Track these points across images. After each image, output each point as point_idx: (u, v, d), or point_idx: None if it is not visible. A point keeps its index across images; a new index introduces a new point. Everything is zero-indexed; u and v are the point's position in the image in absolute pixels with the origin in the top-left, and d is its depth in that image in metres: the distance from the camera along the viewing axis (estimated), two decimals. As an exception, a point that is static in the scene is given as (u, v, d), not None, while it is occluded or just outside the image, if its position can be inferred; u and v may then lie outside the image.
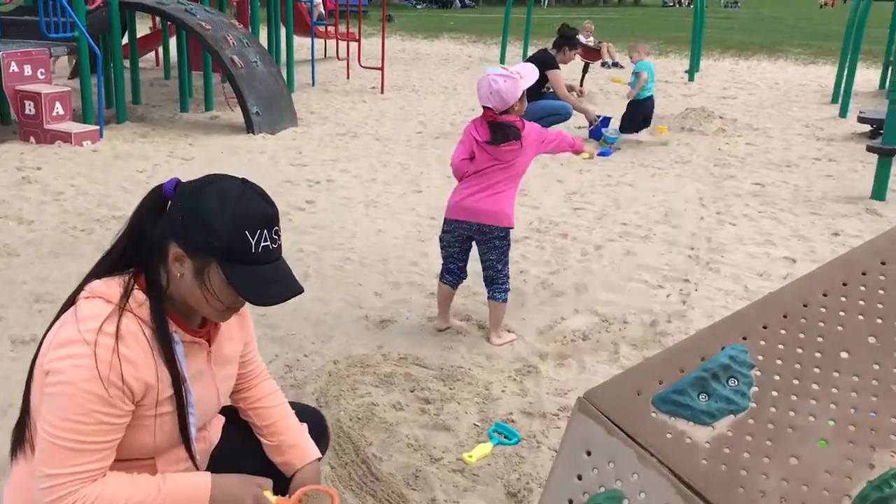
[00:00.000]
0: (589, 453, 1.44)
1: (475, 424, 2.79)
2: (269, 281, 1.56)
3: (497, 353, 3.34)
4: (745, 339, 1.49)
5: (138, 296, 1.56)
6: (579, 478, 1.43)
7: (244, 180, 1.61)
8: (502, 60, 15.11)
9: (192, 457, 1.69)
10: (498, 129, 3.27)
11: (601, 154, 7.41)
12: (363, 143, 7.82)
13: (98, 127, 7.27)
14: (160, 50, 12.94)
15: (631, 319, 3.70)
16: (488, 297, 3.43)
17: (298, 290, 1.60)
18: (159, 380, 1.56)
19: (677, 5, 61.58)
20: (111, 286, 1.57)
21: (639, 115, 7.88)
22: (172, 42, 12.03)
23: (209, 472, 1.67)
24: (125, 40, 9.35)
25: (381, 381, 3.08)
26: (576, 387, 3.07)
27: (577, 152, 3.61)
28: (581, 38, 12.81)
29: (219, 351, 1.74)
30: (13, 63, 6.93)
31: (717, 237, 4.96)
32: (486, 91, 3.26)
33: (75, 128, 7.06)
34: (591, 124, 8.02)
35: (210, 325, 1.72)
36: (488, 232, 3.32)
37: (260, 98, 7.97)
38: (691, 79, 13.43)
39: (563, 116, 7.94)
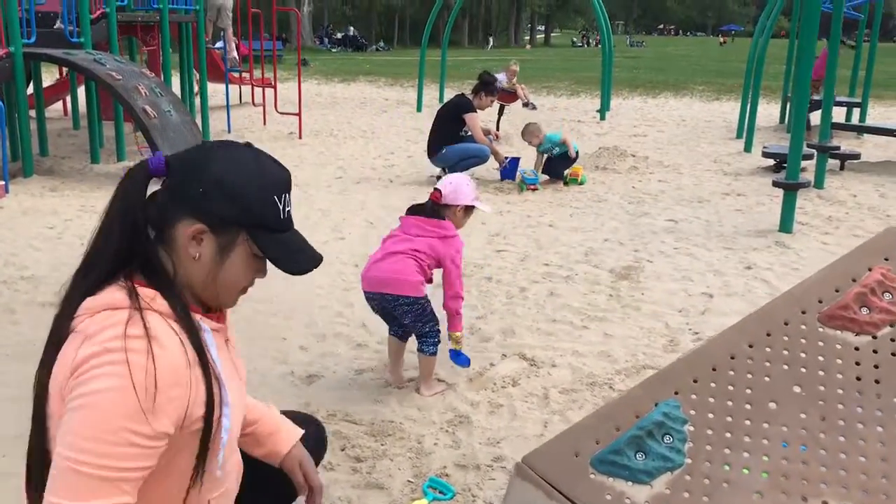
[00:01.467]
0: (530, 520, 1.42)
1: (409, 481, 2.74)
2: (298, 249, 1.47)
3: (428, 404, 3.31)
4: (676, 393, 1.52)
5: (145, 292, 1.37)
6: (522, 546, 1.41)
7: (248, 143, 1.51)
8: (419, 103, 15.28)
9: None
10: (426, 206, 3.36)
11: (529, 182, 7.54)
12: (282, 190, 7.71)
13: (3, 182, 6.99)
14: (68, 99, 12.61)
15: (559, 362, 3.72)
16: (417, 349, 3.40)
17: (321, 258, 1.50)
18: (193, 383, 1.36)
19: (585, 45, 63.68)
20: (109, 295, 1.36)
21: (560, 167, 8.01)
22: (81, 90, 11.73)
23: None
24: (30, 90, 9.07)
25: (311, 439, 3.00)
26: (508, 435, 3.07)
27: (451, 328, 3.40)
28: (503, 78, 13.09)
29: (231, 341, 1.60)
30: None
31: (636, 275, 5.07)
32: (448, 179, 3.42)
33: (-22, 184, 6.78)
34: (501, 165, 8.18)
35: (220, 314, 1.55)
36: (393, 300, 3.29)
37: (174, 147, 7.81)
38: (602, 118, 13.84)
39: (480, 159, 8.07)
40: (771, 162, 9.05)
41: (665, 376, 1.58)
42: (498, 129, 11.50)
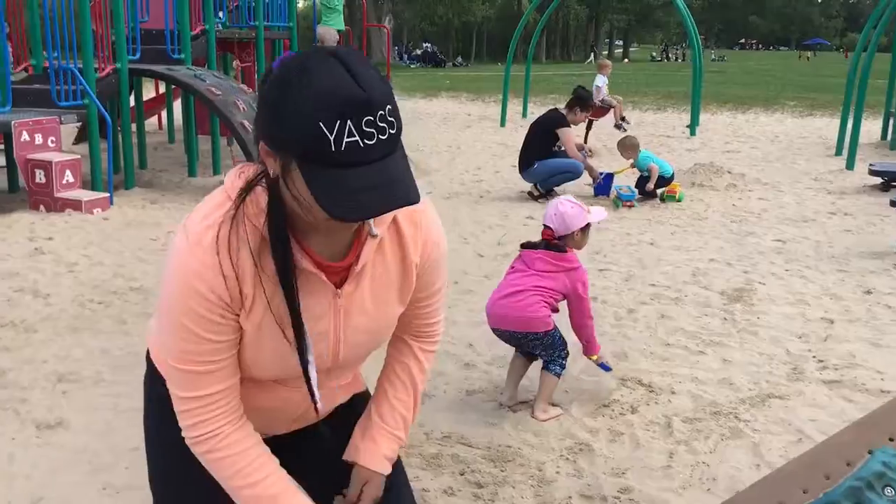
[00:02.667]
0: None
1: (535, 510, 2.64)
2: (358, 189, 1.17)
3: (545, 429, 3.20)
4: (892, 440, 1.38)
5: (259, 199, 1.33)
6: None
7: (337, 51, 1.21)
8: (503, 118, 15.22)
9: (311, 395, 1.48)
10: (543, 242, 3.32)
11: (626, 199, 7.39)
12: (374, 204, 7.74)
13: (108, 194, 7.19)
14: (163, 114, 12.98)
15: (678, 389, 3.56)
16: (542, 368, 3.32)
17: (403, 201, 1.19)
18: (265, 295, 1.36)
19: (665, 59, 62.70)
20: (242, 175, 1.37)
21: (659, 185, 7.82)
22: (175, 105, 12.06)
23: None
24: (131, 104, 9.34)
25: (429, 463, 2.93)
26: (632, 465, 2.93)
27: (589, 353, 3.43)
28: (603, 80, 12.99)
29: (356, 297, 1.45)
30: (24, 132, 6.87)
31: (749, 297, 4.86)
32: (551, 211, 3.34)
33: (85, 196, 6.98)
34: (595, 181, 8.03)
35: (346, 263, 1.42)
36: (523, 336, 3.27)
37: (270, 162, 7.92)
38: (693, 133, 13.50)
39: (573, 174, 7.93)
40: (877, 180, 8.64)
41: (876, 420, 1.44)
42: (586, 142, 11.35)
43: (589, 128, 12.51)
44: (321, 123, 1.14)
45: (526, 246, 3.41)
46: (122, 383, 3.57)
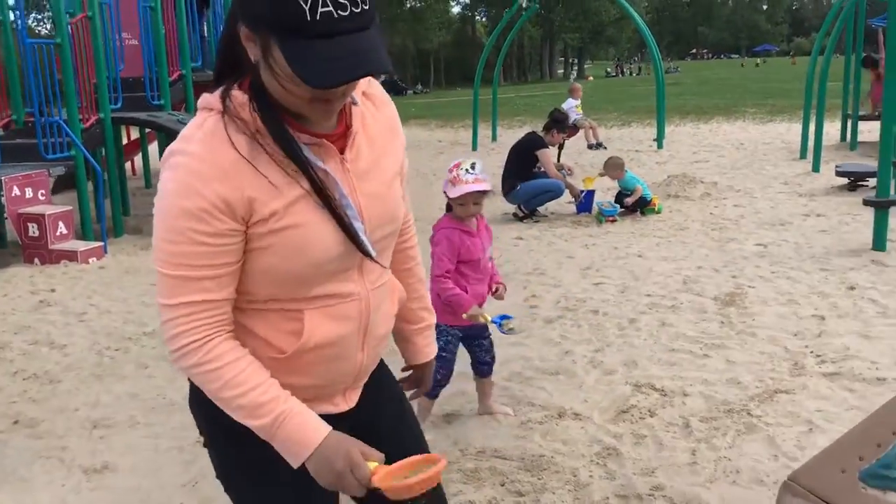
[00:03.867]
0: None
1: (577, 513, 2.80)
2: (333, 58, 1.23)
3: (572, 437, 3.38)
4: (929, 410, 1.58)
5: (238, 96, 1.36)
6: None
7: None
8: (474, 143, 15.48)
9: (365, 252, 1.45)
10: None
11: (609, 214, 7.61)
12: (364, 235, 7.91)
13: (102, 243, 7.26)
14: (136, 159, 13.03)
15: (690, 391, 3.76)
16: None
17: (376, 67, 1.26)
18: (274, 186, 1.36)
19: (619, 75, 63.86)
20: (206, 97, 1.40)
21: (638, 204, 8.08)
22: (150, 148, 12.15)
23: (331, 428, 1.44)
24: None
25: (469, 477, 3.08)
26: (660, 465, 3.11)
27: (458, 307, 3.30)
28: (573, 103, 13.41)
29: (357, 159, 1.47)
30: (15, 187, 6.95)
31: (741, 301, 5.09)
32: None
33: (80, 246, 7.05)
34: (576, 199, 8.28)
35: (339, 131, 1.46)
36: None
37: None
38: (660, 146, 13.87)
39: (555, 193, 8.18)
40: (844, 181, 9.00)
41: (913, 395, 1.64)
42: (559, 160, 11.62)
43: (561, 148, 12.78)
44: None
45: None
46: (158, 424, 3.68)
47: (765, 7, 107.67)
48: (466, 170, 3.24)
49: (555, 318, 4.93)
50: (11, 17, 8.24)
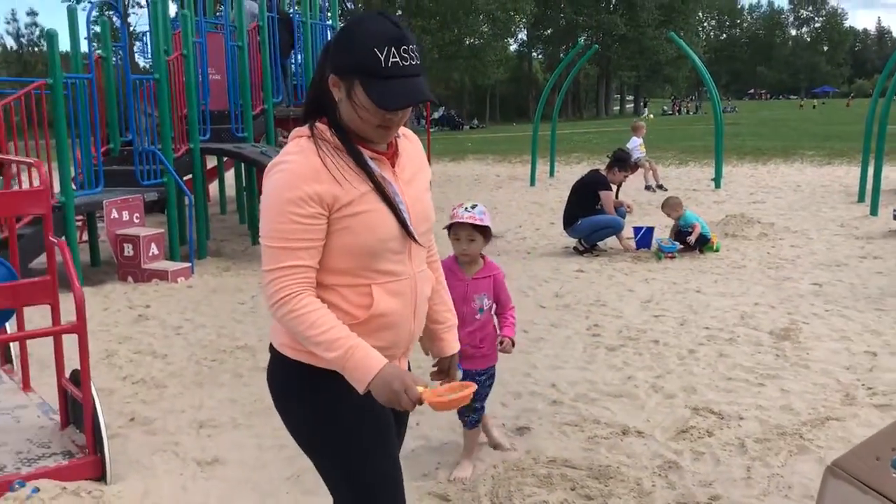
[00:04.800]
0: (851, 509, 1.81)
1: (642, 515, 3.12)
2: (398, 92, 1.81)
3: (636, 452, 3.69)
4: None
5: (321, 126, 1.91)
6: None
7: (381, 11, 1.93)
8: (532, 178, 15.88)
9: (412, 237, 1.94)
10: None
11: (667, 250, 7.90)
12: (430, 264, 8.34)
13: (189, 264, 7.81)
14: (211, 186, 13.72)
15: (745, 415, 4.05)
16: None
17: (424, 98, 1.82)
18: (350, 183, 1.86)
19: (676, 113, 63.84)
20: (300, 129, 1.95)
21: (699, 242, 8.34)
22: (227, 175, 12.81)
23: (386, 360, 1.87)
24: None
25: (542, 482, 3.42)
26: (717, 478, 3.41)
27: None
28: (636, 139, 13.78)
29: (402, 171, 1.99)
30: (114, 210, 7.55)
31: (796, 336, 5.34)
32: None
33: (170, 266, 7.60)
34: (637, 234, 8.59)
35: (391, 152, 1.99)
36: None
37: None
38: (718, 186, 14.07)
39: (614, 229, 8.51)
40: (902, 224, 9.14)
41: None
42: (617, 197, 11.93)
43: (619, 186, 13.09)
44: (375, 49, 1.79)
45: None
46: (259, 426, 4.10)
47: (825, 48, 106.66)
48: (466, 208, 3.36)
49: (617, 346, 5.25)
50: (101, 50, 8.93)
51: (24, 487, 3.21)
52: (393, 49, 1.80)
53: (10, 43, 60.50)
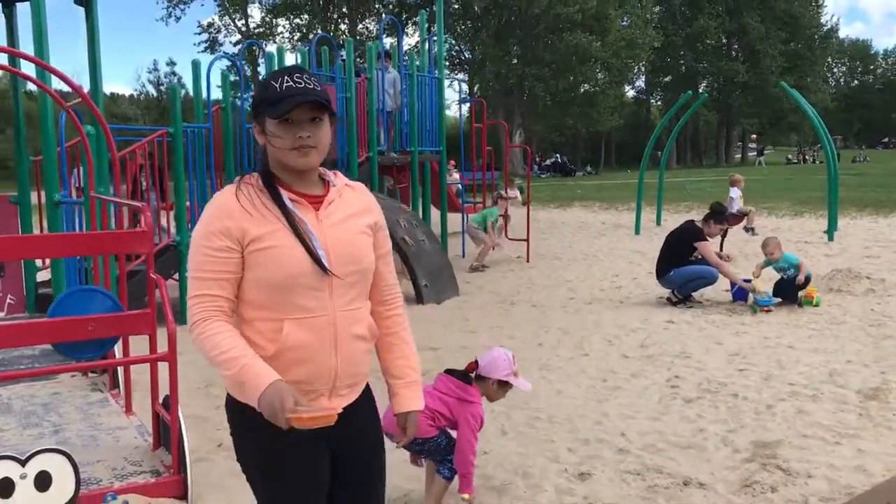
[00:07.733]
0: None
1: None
2: (290, 101, 2.00)
3: (693, 503, 3.70)
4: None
5: (252, 174, 2.14)
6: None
7: (286, 66, 2.25)
8: (637, 226, 15.76)
9: (317, 262, 2.02)
10: (461, 371, 3.67)
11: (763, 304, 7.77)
12: (522, 310, 8.46)
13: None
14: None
15: (814, 474, 3.98)
16: (436, 470, 3.64)
17: (312, 96, 2.01)
18: (263, 218, 2.03)
19: (801, 161, 61.56)
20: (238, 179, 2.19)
21: (789, 289, 8.16)
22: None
23: (279, 377, 1.97)
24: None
25: (595, 526, 3.49)
26: (774, 534, 3.39)
27: (461, 490, 3.55)
28: (736, 190, 13.77)
29: (329, 215, 2.11)
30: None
31: (885, 396, 5.16)
32: (489, 352, 3.71)
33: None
34: (733, 286, 8.45)
35: (322, 196, 2.13)
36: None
37: (427, 272, 8.83)
38: (830, 238, 13.58)
39: (707, 280, 8.42)
40: None
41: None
42: (721, 249, 11.73)
43: (724, 236, 12.87)
44: (272, 82, 2.04)
45: (447, 371, 3.69)
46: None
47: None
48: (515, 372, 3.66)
49: (694, 398, 5.23)
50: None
51: (115, 500, 3.55)
52: (286, 76, 2.03)
53: (152, 91, 64.88)
